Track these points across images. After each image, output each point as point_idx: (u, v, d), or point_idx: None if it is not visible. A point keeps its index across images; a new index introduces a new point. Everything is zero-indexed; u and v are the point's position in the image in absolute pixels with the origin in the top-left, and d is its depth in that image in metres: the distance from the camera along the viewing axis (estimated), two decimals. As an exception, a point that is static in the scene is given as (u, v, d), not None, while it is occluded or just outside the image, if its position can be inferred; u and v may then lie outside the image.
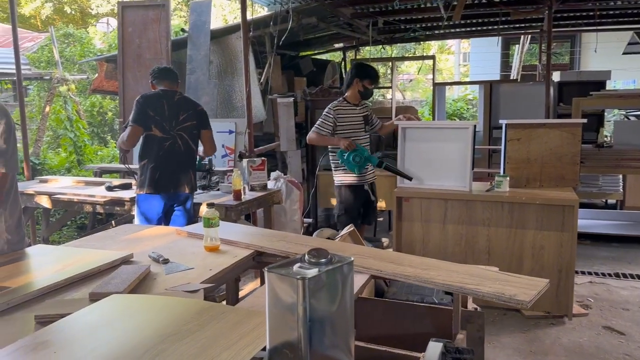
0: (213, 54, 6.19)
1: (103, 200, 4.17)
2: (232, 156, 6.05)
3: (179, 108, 3.54)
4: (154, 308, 1.37)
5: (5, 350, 1.17)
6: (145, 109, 3.44)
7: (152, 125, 3.43)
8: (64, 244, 2.32)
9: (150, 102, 3.48)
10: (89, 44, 12.72)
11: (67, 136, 9.06)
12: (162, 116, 3.47)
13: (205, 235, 2.05)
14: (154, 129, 3.44)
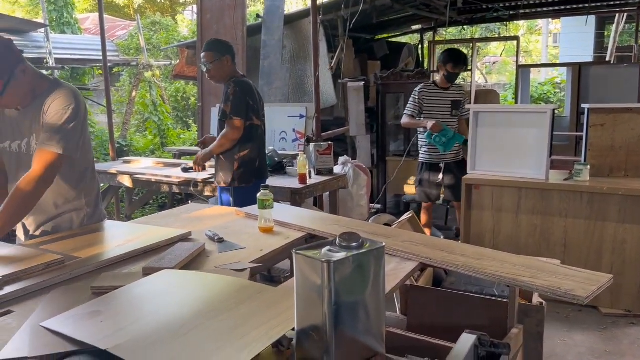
0: (286, 38, 6.25)
1: (178, 180, 4.36)
2: (302, 140, 6.10)
3: (258, 93, 3.40)
4: (199, 284, 1.42)
5: (59, 317, 1.26)
6: (246, 99, 3.21)
7: (252, 114, 3.25)
8: (131, 221, 2.45)
9: (247, 90, 3.25)
10: (174, 31, 13.29)
11: (152, 120, 9.56)
12: (256, 103, 3.30)
13: (259, 216, 2.09)
14: (254, 118, 3.27)
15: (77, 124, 1.96)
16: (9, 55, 1.85)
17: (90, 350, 1.11)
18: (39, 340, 1.17)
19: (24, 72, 1.90)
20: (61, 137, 1.92)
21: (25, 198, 1.87)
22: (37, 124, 1.97)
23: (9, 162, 2.10)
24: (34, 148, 1.99)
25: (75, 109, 1.95)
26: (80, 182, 2.12)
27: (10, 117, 2.03)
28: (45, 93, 1.96)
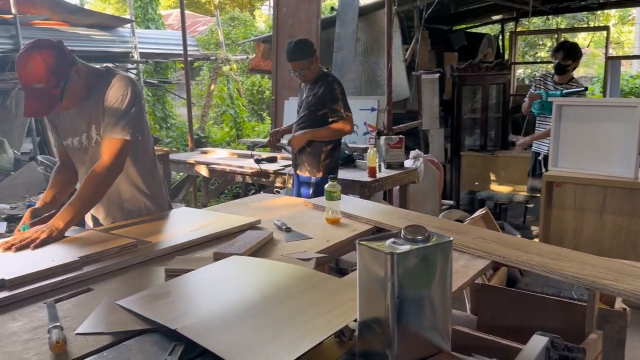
0: (360, 31, 6.21)
1: (251, 171, 4.47)
2: (373, 134, 6.05)
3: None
4: (265, 271, 1.44)
5: (133, 297, 1.32)
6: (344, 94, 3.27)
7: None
8: (205, 209, 2.53)
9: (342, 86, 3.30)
10: (251, 26, 13.61)
11: (229, 112, 9.85)
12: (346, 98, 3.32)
13: (326, 207, 2.09)
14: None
15: (137, 109, 2.01)
16: (63, 60, 1.87)
17: (160, 329, 1.16)
18: (115, 318, 1.23)
19: (78, 73, 1.93)
20: (125, 122, 1.96)
21: (97, 186, 1.93)
22: (96, 116, 2.00)
23: (73, 157, 2.16)
24: (94, 139, 2.04)
25: (132, 94, 1.99)
26: (145, 169, 2.17)
27: (68, 114, 2.07)
28: (100, 85, 1.99)
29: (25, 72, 1.81)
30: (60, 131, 2.14)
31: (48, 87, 1.83)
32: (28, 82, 1.82)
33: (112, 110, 1.97)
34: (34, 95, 1.84)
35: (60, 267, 1.54)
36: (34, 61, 1.80)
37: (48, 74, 1.81)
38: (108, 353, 1.09)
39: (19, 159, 7.08)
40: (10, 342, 1.16)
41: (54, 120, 2.14)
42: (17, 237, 1.77)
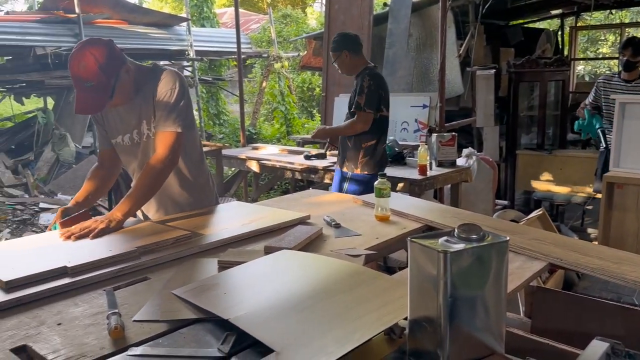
0: (413, 26, 6.12)
1: (300, 167, 4.51)
2: (424, 131, 5.96)
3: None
4: (315, 265, 1.45)
5: (187, 287, 1.36)
6: (379, 92, 3.22)
7: (383, 106, 3.26)
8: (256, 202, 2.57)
9: (380, 82, 3.25)
10: (303, 23, 13.69)
11: (279, 109, 9.96)
12: (387, 94, 3.30)
13: (376, 204, 2.07)
14: (384, 109, 3.29)
15: (186, 102, 2.04)
16: (114, 58, 1.91)
17: (213, 319, 1.18)
18: (170, 306, 1.27)
19: (127, 71, 1.97)
20: (176, 115, 2.00)
21: (153, 178, 1.98)
22: (146, 112, 2.04)
23: (124, 155, 2.19)
24: (144, 135, 2.08)
25: (180, 88, 2.02)
26: (194, 163, 2.20)
27: (117, 112, 2.11)
28: (149, 82, 2.03)
29: (77, 71, 1.86)
30: (108, 130, 2.18)
31: (99, 85, 1.88)
32: (79, 81, 1.87)
33: (162, 105, 2.01)
34: (86, 93, 1.89)
35: (119, 257, 1.60)
36: (85, 60, 1.85)
37: (99, 72, 1.86)
38: (163, 340, 1.13)
39: (80, 152, 7.42)
40: (72, 326, 1.22)
41: (101, 120, 2.18)
42: (78, 226, 1.83)
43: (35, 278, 1.45)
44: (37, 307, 1.34)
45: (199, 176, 2.23)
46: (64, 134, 7.37)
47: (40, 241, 1.86)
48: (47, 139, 7.50)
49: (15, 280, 1.42)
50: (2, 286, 1.40)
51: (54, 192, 6.72)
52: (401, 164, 4.05)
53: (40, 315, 1.29)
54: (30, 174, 7.01)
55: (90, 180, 2.18)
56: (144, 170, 2.01)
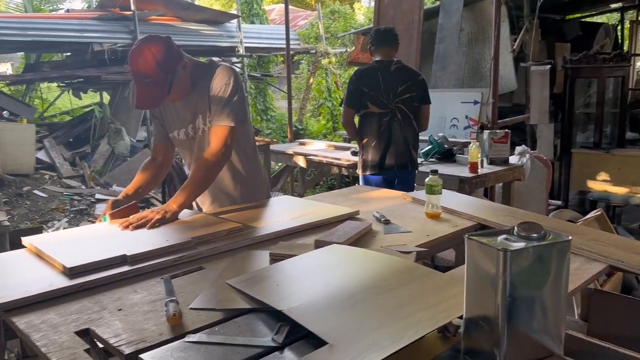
0: (465, 21, 6.00)
1: (347, 163, 4.50)
2: (474, 127, 5.84)
3: (397, 79, 3.27)
4: (365, 260, 1.45)
5: (241, 277, 1.38)
6: (359, 87, 3.28)
7: (368, 102, 3.28)
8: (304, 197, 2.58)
9: (363, 77, 3.30)
10: (351, 19, 13.64)
11: (326, 105, 9.98)
12: (377, 90, 3.26)
13: (426, 201, 2.05)
14: (371, 105, 3.28)
15: (239, 97, 2.08)
16: (171, 55, 1.95)
17: (267, 310, 1.20)
18: (225, 296, 1.30)
19: (184, 67, 2.01)
20: (229, 110, 2.04)
21: (207, 171, 2.02)
22: (202, 107, 2.09)
23: (180, 148, 2.26)
24: (199, 129, 2.13)
25: (234, 83, 2.06)
26: (247, 157, 2.24)
27: (174, 107, 2.16)
28: (204, 77, 2.07)
29: (136, 67, 1.93)
30: (166, 125, 2.24)
31: (157, 81, 1.94)
32: (139, 76, 1.94)
33: (216, 99, 2.05)
34: (144, 88, 1.96)
35: (175, 246, 1.65)
36: (144, 56, 1.91)
37: (157, 68, 1.91)
38: (219, 328, 1.16)
39: (134, 145, 7.67)
40: (132, 312, 1.27)
41: (158, 115, 2.24)
42: (135, 216, 1.90)
43: (97, 265, 1.51)
44: (99, 292, 1.40)
45: (252, 170, 2.27)
46: (119, 128, 7.64)
47: (99, 230, 1.94)
48: (103, 132, 7.80)
49: (78, 267, 1.48)
50: (66, 272, 1.47)
51: (109, 183, 6.99)
52: (451, 161, 3.99)
53: (102, 300, 1.35)
54: (87, 166, 7.31)
55: (141, 174, 2.23)
56: (198, 164, 2.06)
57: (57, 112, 11.08)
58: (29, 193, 6.39)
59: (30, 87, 10.31)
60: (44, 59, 9.97)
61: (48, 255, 1.59)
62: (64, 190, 6.61)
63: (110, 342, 1.12)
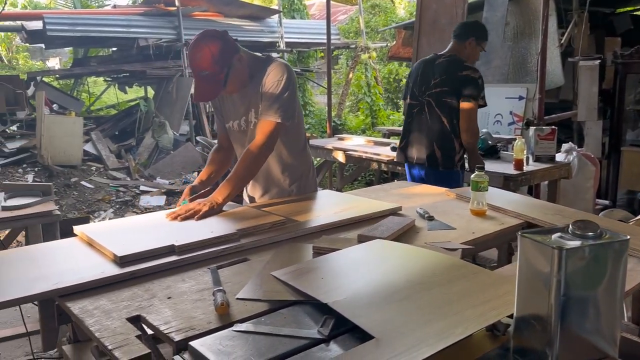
0: (510, 14, 5.86)
1: (387, 159, 4.47)
2: (519, 124, 5.71)
3: (432, 72, 3.14)
4: (410, 256, 1.44)
5: (286, 269, 1.40)
6: (408, 78, 3.42)
7: (407, 94, 3.32)
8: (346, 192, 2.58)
9: (412, 69, 3.43)
10: (392, 13, 13.50)
11: (365, 100, 9.92)
12: (414, 82, 3.24)
13: (472, 198, 2.02)
14: (409, 97, 3.30)
15: (290, 93, 2.10)
16: (227, 49, 2.01)
17: (312, 302, 1.21)
18: (270, 287, 1.32)
19: (240, 60, 2.05)
20: (278, 106, 2.07)
21: (251, 164, 2.08)
22: (255, 101, 2.13)
23: (233, 139, 2.32)
24: (251, 123, 2.18)
25: (287, 80, 2.09)
26: (297, 151, 2.27)
27: (231, 99, 2.22)
28: (260, 72, 2.11)
29: (194, 62, 2.01)
30: (224, 115, 2.31)
31: (213, 75, 2.00)
32: (197, 70, 2.01)
33: (268, 95, 2.09)
34: (202, 81, 2.04)
35: (221, 238, 1.68)
36: (201, 51, 1.99)
37: (213, 62, 1.98)
38: (265, 319, 1.17)
39: (177, 139, 7.84)
40: (181, 301, 1.30)
41: (218, 105, 2.32)
42: (183, 208, 1.96)
43: (146, 254, 1.56)
44: (148, 281, 1.44)
45: (301, 164, 2.30)
46: (163, 122, 7.82)
47: (147, 220, 2.00)
48: (148, 126, 8.00)
49: (128, 256, 1.53)
50: (117, 260, 1.52)
51: (153, 176, 7.17)
52: (494, 158, 3.90)
53: (151, 288, 1.38)
54: (132, 158, 7.52)
55: (212, 161, 2.35)
56: (242, 156, 2.11)
57: (103, 106, 11.44)
58: (77, 184, 6.62)
59: (78, 81, 10.67)
60: (91, 54, 10.30)
61: (99, 244, 1.64)
62: (109, 181, 6.82)
63: (161, 329, 1.15)
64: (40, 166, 6.88)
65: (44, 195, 3.05)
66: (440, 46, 3.79)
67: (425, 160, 3.14)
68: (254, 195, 2.33)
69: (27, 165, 6.95)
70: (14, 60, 15.94)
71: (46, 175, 6.74)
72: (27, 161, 7.01)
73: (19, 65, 15.57)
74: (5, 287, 1.37)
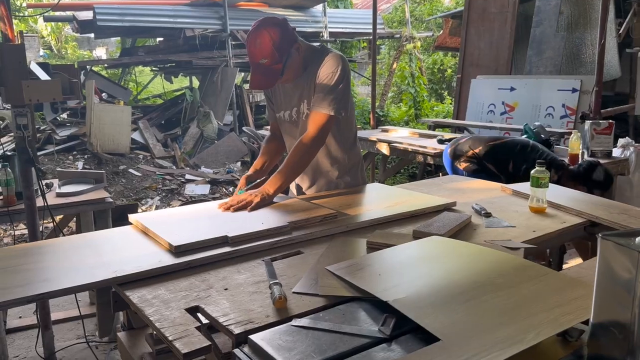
0: (564, 4, 5.64)
1: (434, 152, 4.39)
2: (572, 117, 5.51)
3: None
4: (471, 255, 1.39)
5: (341, 264, 1.37)
6: None
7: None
8: (396, 185, 2.54)
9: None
10: (437, 2, 13.23)
11: (408, 91, 9.77)
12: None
13: (531, 195, 1.94)
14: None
15: (345, 86, 2.06)
16: (287, 37, 1.98)
17: (369, 299, 1.18)
18: (327, 282, 1.29)
19: (298, 49, 2.02)
20: (332, 98, 2.03)
21: (302, 156, 2.05)
22: (307, 92, 2.10)
23: (283, 129, 2.30)
24: (302, 114, 2.15)
25: (341, 72, 2.04)
26: (347, 145, 2.24)
27: (284, 89, 2.20)
28: (315, 62, 2.07)
29: (253, 49, 1.97)
30: (275, 104, 2.29)
31: (272, 63, 1.98)
32: (255, 58, 1.98)
33: (321, 87, 2.06)
34: (259, 70, 2.01)
35: (272, 230, 1.67)
36: (262, 38, 1.95)
37: (273, 50, 1.95)
38: (324, 315, 1.15)
39: (221, 129, 7.92)
40: (238, 292, 1.29)
41: (271, 95, 2.30)
42: (234, 199, 1.95)
43: (200, 245, 1.56)
44: (204, 271, 1.44)
45: (351, 158, 2.26)
46: (208, 112, 7.92)
47: (199, 211, 2.01)
48: (193, 115, 8.12)
49: (183, 246, 1.54)
50: (172, 250, 1.53)
51: (198, 165, 7.28)
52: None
53: (208, 279, 1.39)
54: (178, 147, 7.65)
55: (264, 149, 2.34)
56: (293, 148, 2.08)
57: (150, 95, 11.68)
58: (125, 172, 6.79)
59: (126, 70, 10.92)
60: (138, 44, 10.51)
61: (154, 233, 1.66)
62: (156, 170, 6.97)
63: (220, 321, 1.15)
64: (89, 153, 7.09)
65: (97, 182, 3.13)
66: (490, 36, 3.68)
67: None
68: (302, 185, 2.31)
69: (77, 153, 7.17)
70: (63, 49, 16.46)
71: (95, 162, 6.95)
72: (77, 148, 7.24)
73: (68, 54, 16.08)
74: (67, 273, 1.40)
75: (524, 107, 5.86)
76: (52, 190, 2.97)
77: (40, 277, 1.37)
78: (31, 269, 1.44)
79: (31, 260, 1.51)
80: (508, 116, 6.04)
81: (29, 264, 1.48)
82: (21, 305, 1.32)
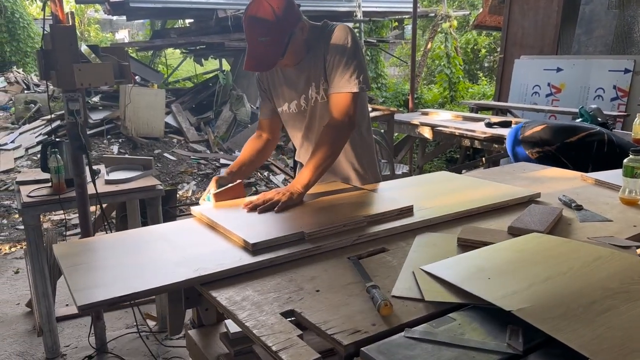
0: (618, -22, 5.35)
1: (483, 136, 4.23)
2: (623, 99, 5.28)
3: None
4: (587, 256, 1.25)
5: (437, 264, 1.26)
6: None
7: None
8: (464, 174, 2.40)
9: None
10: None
11: (444, 72, 9.52)
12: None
13: (623, 185, 1.79)
14: None
15: (359, 58, 1.85)
16: (291, 13, 1.78)
17: (483, 306, 1.07)
18: (428, 286, 1.18)
19: (302, 29, 1.83)
20: (350, 74, 1.82)
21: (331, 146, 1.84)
22: (316, 73, 1.90)
23: (289, 124, 2.08)
24: (311, 99, 1.95)
25: (353, 43, 1.84)
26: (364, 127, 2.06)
27: (284, 77, 1.99)
28: (319, 40, 1.88)
29: (253, 19, 1.75)
30: (275, 97, 2.07)
31: (272, 41, 1.76)
32: (254, 32, 1.76)
33: (334, 64, 1.84)
34: (258, 49, 1.78)
35: (350, 225, 1.57)
36: (263, 9, 1.73)
37: (275, 23, 1.74)
38: (437, 324, 1.04)
39: (254, 112, 7.83)
40: (332, 295, 1.19)
41: (266, 87, 2.09)
42: (260, 198, 1.75)
43: (277, 242, 1.47)
44: (287, 270, 1.35)
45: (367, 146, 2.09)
46: (241, 95, 7.82)
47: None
48: (225, 99, 8.04)
49: (261, 243, 1.44)
50: (248, 247, 1.44)
51: (231, 149, 7.22)
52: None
53: (295, 279, 1.29)
54: (211, 131, 7.59)
55: (246, 151, 2.09)
56: (320, 138, 1.87)
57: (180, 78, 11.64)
58: (160, 156, 6.77)
59: (156, 53, 10.88)
60: (168, 25, 10.44)
61: (225, 228, 1.57)
62: (191, 154, 6.93)
63: (323, 329, 1.05)
64: (124, 137, 7.08)
65: (145, 169, 3.07)
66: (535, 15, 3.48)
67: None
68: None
69: (111, 137, 7.17)
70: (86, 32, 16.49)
71: (130, 146, 6.94)
72: (111, 132, 7.23)
73: (90, 37, 16.12)
74: (153, 270, 1.33)
75: (572, 89, 5.63)
76: (101, 177, 2.92)
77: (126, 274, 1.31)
78: (110, 265, 1.38)
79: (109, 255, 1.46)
80: (554, 98, 5.82)
81: (107, 259, 1.42)
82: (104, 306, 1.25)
